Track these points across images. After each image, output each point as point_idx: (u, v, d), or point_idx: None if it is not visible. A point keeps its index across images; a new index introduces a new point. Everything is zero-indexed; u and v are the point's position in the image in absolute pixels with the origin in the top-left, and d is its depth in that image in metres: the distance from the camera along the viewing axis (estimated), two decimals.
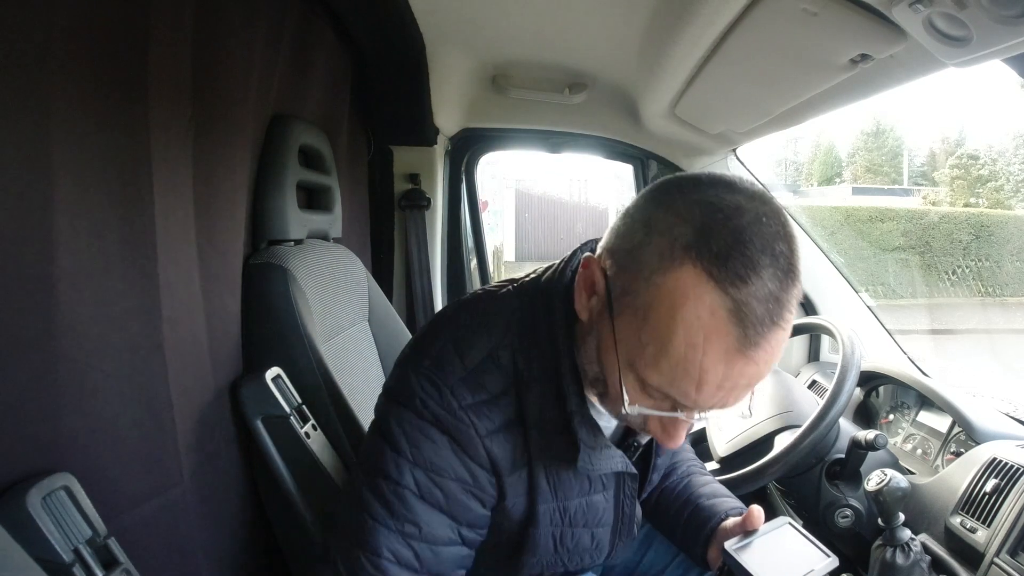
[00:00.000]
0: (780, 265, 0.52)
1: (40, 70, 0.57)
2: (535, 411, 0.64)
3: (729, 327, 0.50)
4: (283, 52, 1.10)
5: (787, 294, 0.52)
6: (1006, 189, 16.45)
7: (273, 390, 0.90)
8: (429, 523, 0.63)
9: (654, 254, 0.53)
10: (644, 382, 0.55)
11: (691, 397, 0.54)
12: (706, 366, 0.51)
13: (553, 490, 0.67)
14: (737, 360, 0.51)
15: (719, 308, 0.50)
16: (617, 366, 0.56)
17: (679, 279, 0.51)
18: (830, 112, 1.17)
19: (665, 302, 0.52)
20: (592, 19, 1.21)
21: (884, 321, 1.57)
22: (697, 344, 0.51)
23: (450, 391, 0.62)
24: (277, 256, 1.01)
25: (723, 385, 0.53)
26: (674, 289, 0.51)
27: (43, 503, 0.54)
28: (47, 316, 0.58)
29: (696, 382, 0.52)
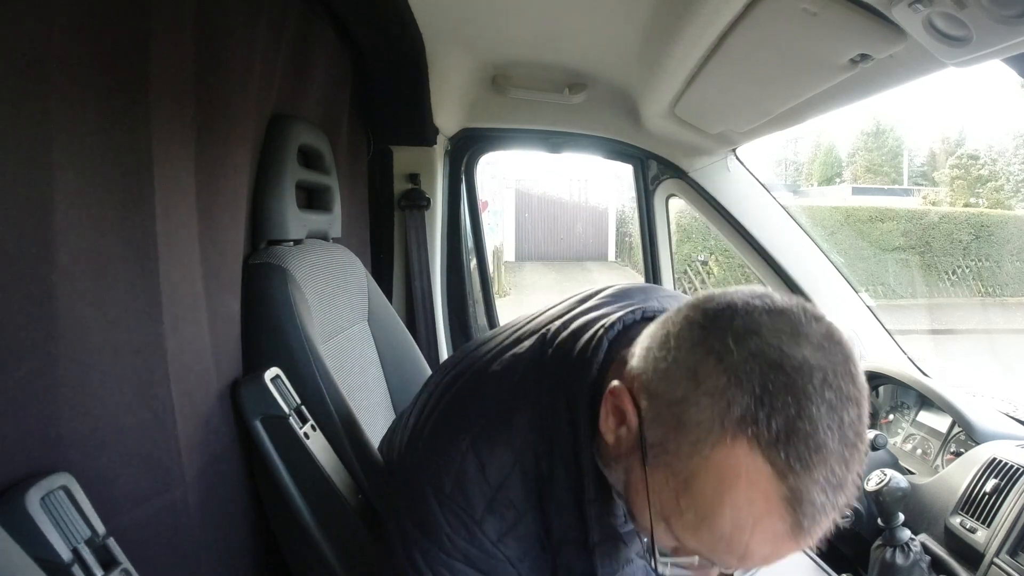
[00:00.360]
0: (847, 440, 0.46)
1: (40, 70, 0.57)
2: (559, 529, 0.61)
3: (784, 514, 0.46)
4: (283, 52, 1.10)
5: (851, 474, 0.47)
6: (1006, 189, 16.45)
7: (272, 390, 0.89)
8: None
9: (702, 419, 0.46)
10: (677, 540, 0.51)
11: (731, 566, 0.50)
12: (752, 547, 0.47)
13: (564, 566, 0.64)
14: (786, 544, 0.47)
15: (774, 495, 0.45)
16: (648, 514, 0.51)
17: (730, 457, 0.45)
18: (830, 112, 1.17)
19: (712, 478, 0.46)
20: (592, 19, 1.21)
21: (884, 321, 1.57)
22: (745, 527, 0.46)
23: (479, 528, 0.59)
24: (276, 256, 1.01)
25: (768, 558, 0.49)
26: (724, 467, 0.46)
27: (42, 503, 0.54)
28: (47, 316, 0.58)
29: (739, 557, 0.48)
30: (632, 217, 12.20)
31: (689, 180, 1.70)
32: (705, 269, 9.90)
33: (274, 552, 0.98)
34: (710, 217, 1.71)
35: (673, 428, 0.48)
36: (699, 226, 9.18)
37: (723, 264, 9.67)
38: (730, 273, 9.66)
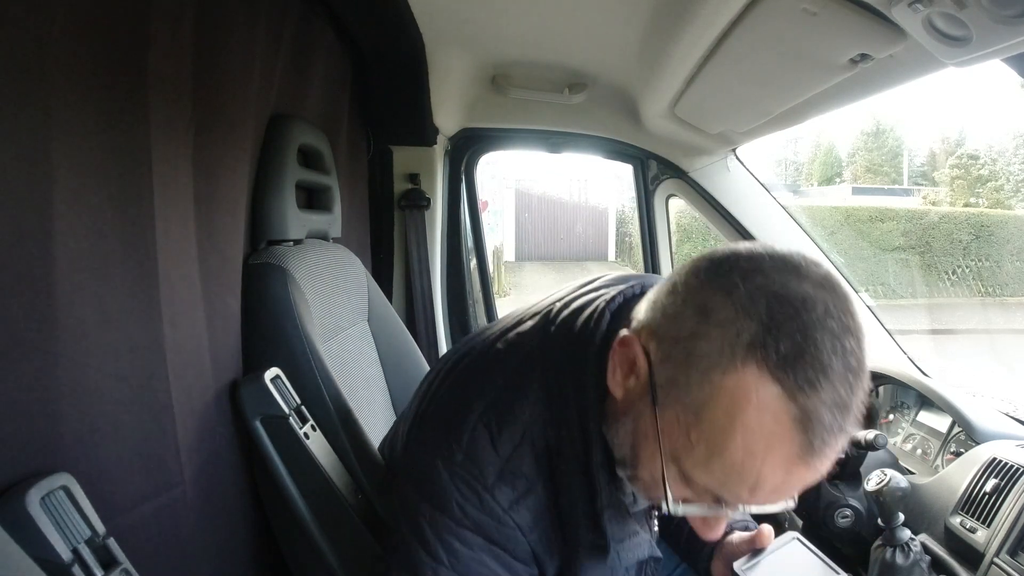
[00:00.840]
0: (850, 366, 0.48)
1: (40, 70, 0.57)
2: (567, 500, 0.62)
3: (794, 435, 0.47)
4: (283, 52, 1.10)
5: (855, 397, 0.48)
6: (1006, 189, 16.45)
7: (272, 390, 0.89)
8: None
9: (712, 349, 0.48)
10: (689, 479, 0.52)
11: (742, 499, 0.51)
12: (764, 474, 0.48)
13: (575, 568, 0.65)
14: (798, 468, 0.49)
15: (784, 416, 0.47)
16: (660, 459, 0.53)
17: (741, 381, 0.47)
18: (830, 112, 1.17)
19: (723, 404, 0.48)
20: (592, 19, 1.21)
21: (884, 321, 1.56)
22: (757, 452, 0.48)
23: (491, 495, 0.59)
24: (276, 256, 1.01)
25: (779, 489, 0.50)
26: (735, 391, 0.47)
27: (42, 503, 0.54)
28: (47, 316, 0.58)
29: (751, 487, 0.50)
30: (632, 217, 12.20)
31: (689, 180, 1.70)
32: None
33: (274, 551, 0.98)
34: (710, 217, 1.71)
35: (683, 363, 0.50)
36: (699, 226, 9.17)
37: None
38: None
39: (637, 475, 0.58)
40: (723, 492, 0.52)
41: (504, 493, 0.60)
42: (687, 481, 0.53)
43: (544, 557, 0.63)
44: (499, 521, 0.60)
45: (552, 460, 0.61)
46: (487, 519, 0.60)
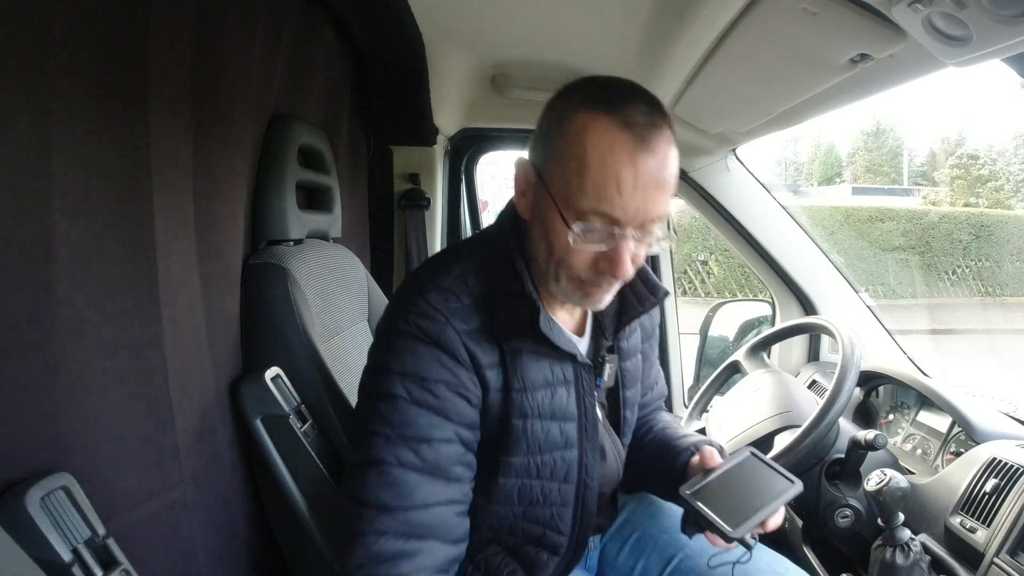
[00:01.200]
0: (646, 98, 0.68)
1: (40, 70, 0.57)
2: (502, 315, 0.73)
3: (623, 134, 0.65)
4: (283, 52, 1.10)
5: (658, 112, 0.67)
6: (1006, 189, 16.45)
7: (272, 390, 0.89)
8: (425, 425, 0.69)
9: (556, 117, 0.69)
10: (578, 211, 0.67)
11: (616, 201, 0.65)
12: (617, 167, 0.64)
13: (522, 380, 0.74)
14: (639, 155, 0.65)
15: (612, 124, 0.65)
16: (557, 211, 0.68)
17: (579, 118, 0.67)
18: (830, 112, 1.17)
19: (574, 136, 0.66)
20: (592, 19, 1.21)
21: (884, 321, 1.57)
22: (604, 153, 0.65)
23: (425, 300, 0.71)
24: (276, 256, 1.01)
25: (637, 184, 0.65)
26: (578, 125, 0.66)
27: (42, 503, 0.54)
28: (47, 316, 0.58)
29: (616, 184, 0.65)
30: None
31: (689, 180, 1.70)
32: (705, 269, 9.90)
33: (273, 551, 0.98)
34: (710, 217, 1.71)
35: (546, 139, 0.70)
36: (699, 226, 9.18)
37: (723, 264, 9.66)
38: (730, 273, 9.66)
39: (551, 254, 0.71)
40: (601, 204, 0.66)
41: (437, 300, 0.72)
42: (579, 215, 0.67)
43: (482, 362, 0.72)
44: (432, 319, 0.70)
45: (487, 296, 0.74)
46: (423, 320, 0.70)
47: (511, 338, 0.73)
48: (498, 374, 0.73)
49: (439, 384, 0.70)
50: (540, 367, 0.75)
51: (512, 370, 0.73)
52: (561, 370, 0.77)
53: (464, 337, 0.71)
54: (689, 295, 9.48)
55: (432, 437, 0.69)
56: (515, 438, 0.74)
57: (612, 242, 0.68)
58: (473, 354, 0.71)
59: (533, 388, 0.75)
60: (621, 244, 0.68)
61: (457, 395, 0.71)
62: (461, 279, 0.74)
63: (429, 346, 0.70)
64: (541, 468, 0.76)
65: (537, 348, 0.74)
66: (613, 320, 0.84)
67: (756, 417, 1.19)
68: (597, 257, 0.69)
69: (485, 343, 0.72)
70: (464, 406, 0.71)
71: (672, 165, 0.67)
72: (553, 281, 0.73)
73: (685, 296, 9.31)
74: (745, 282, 9.40)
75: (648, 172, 0.65)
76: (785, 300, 1.69)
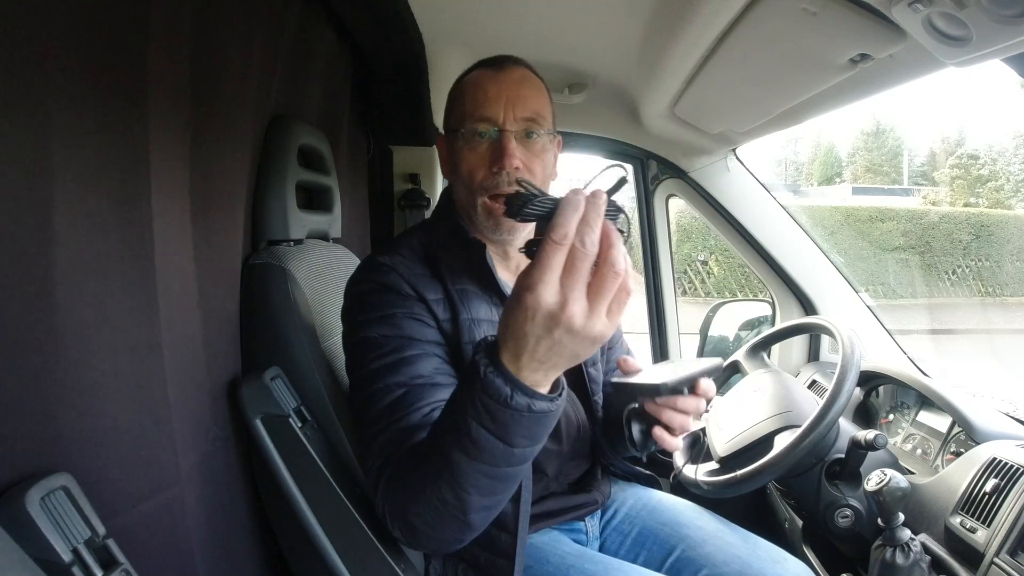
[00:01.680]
0: (506, 56, 0.90)
1: (40, 70, 0.57)
2: (445, 262, 0.87)
3: (484, 69, 0.88)
4: (283, 52, 1.10)
5: (520, 60, 0.91)
6: (1006, 189, 16.46)
7: (272, 390, 0.89)
8: (397, 347, 0.80)
9: (451, 90, 0.91)
10: (463, 123, 0.86)
11: (487, 104, 0.84)
12: (481, 84, 0.86)
13: (469, 310, 0.85)
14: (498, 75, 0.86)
15: (476, 70, 0.89)
16: (454, 133, 0.87)
17: (461, 81, 0.90)
18: (830, 112, 1.17)
19: (456, 88, 0.90)
20: (592, 19, 1.21)
21: (884, 321, 1.57)
22: (472, 82, 0.88)
23: (374, 261, 0.86)
24: (276, 256, 1.01)
25: (501, 91, 0.85)
26: (460, 80, 0.90)
27: (42, 503, 0.54)
28: (46, 316, 0.58)
29: (484, 94, 0.85)
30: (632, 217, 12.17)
31: (689, 180, 1.70)
32: (705, 269, 9.91)
33: (274, 550, 0.98)
34: (710, 217, 1.71)
35: (446, 110, 0.92)
36: (699, 226, 9.18)
37: (723, 264, 9.67)
38: (730, 273, 9.66)
39: (463, 180, 0.87)
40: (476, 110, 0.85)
41: (383, 257, 0.86)
42: (463, 125, 0.86)
43: (428, 296, 0.84)
44: (380, 270, 0.84)
45: (430, 252, 0.88)
46: (373, 274, 0.84)
47: (457, 280, 0.86)
48: (444, 307, 0.85)
49: (397, 316, 0.81)
50: (481, 304, 0.86)
51: (460, 302, 0.85)
52: (497, 309, 0.87)
53: (408, 278, 0.84)
54: (689, 295, 9.48)
55: (406, 355, 0.79)
56: (467, 360, 0.80)
57: (499, 141, 0.84)
58: (417, 290, 0.83)
59: (478, 320, 0.85)
60: (503, 137, 0.84)
61: (415, 320, 0.82)
62: (406, 244, 0.89)
63: (382, 291, 0.83)
64: None
65: (477, 289, 0.87)
66: None
67: (756, 417, 1.18)
68: (491, 161, 0.84)
69: (428, 283, 0.85)
70: (424, 328, 0.82)
71: (532, 83, 0.88)
72: (473, 212, 0.87)
73: (685, 296, 9.31)
74: (745, 282, 9.40)
75: (507, 81, 0.85)
76: (785, 300, 1.69)
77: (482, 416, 0.58)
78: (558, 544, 0.95)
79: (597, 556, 0.93)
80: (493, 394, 0.57)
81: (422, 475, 0.67)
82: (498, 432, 0.59)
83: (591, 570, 0.88)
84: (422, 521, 0.69)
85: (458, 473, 0.63)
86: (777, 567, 0.94)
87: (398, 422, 0.74)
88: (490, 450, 0.60)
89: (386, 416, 0.75)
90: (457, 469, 0.63)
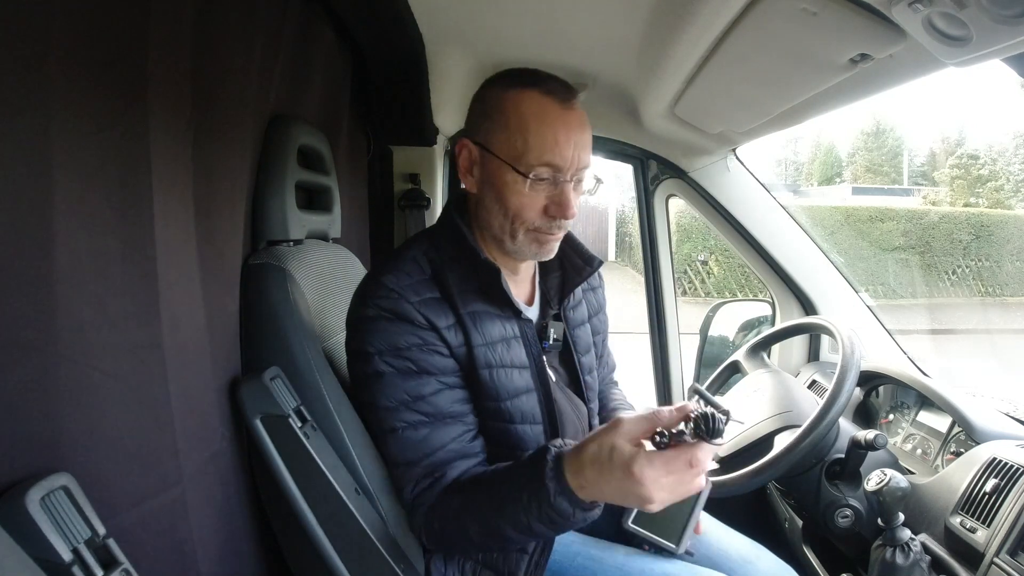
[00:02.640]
0: (556, 77, 0.86)
1: (40, 70, 0.57)
2: (455, 282, 0.85)
3: (549, 100, 0.83)
4: (283, 52, 1.09)
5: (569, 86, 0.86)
6: (1006, 189, 16.46)
7: (272, 390, 0.89)
8: (414, 386, 0.81)
9: (492, 98, 0.86)
10: (528, 164, 0.82)
11: (556, 151, 0.81)
12: (550, 122, 0.82)
13: (483, 335, 0.86)
14: (567, 116, 0.83)
15: (536, 94, 0.83)
16: (511, 170, 0.82)
17: (511, 93, 0.84)
18: (830, 112, 1.17)
19: (511, 106, 0.83)
20: (592, 19, 1.21)
21: (884, 321, 1.57)
22: (538, 114, 0.82)
23: (380, 283, 0.83)
24: (276, 256, 1.01)
25: (569, 139, 0.82)
26: (512, 97, 0.83)
27: (42, 503, 0.54)
28: (46, 316, 0.58)
29: (553, 137, 0.81)
30: (632, 217, 12.19)
31: (689, 180, 1.70)
32: (705, 269, 9.91)
33: (274, 551, 0.98)
34: (710, 217, 1.71)
35: (485, 115, 0.86)
36: (699, 226, 9.18)
37: (723, 264, 9.67)
38: (730, 273, 9.66)
39: (507, 212, 0.84)
40: (545, 155, 0.81)
41: (391, 280, 0.83)
42: (528, 167, 0.82)
43: (440, 325, 0.83)
44: (389, 297, 0.82)
45: (437, 270, 0.86)
46: (381, 299, 0.82)
47: (468, 302, 0.85)
48: (456, 333, 0.84)
49: (411, 349, 0.81)
50: (494, 324, 0.87)
51: (472, 327, 0.85)
52: (511, 327, 0.89)
53: (418, 306, 0.82)
54: (689, 295, 9.49)
55: (424, 393, 0.81)
56: (483, 385, 0.85)
57: (557, 187, 0.83)
58: (429, 319, 0.82)
59: (492, 342, 0.86)
60: (566, 188, 0.84)
61: (429, 352, 0.82)
62: (413, 261, 0.86)
63: (392, 321, 0.81)
64: (512, 412, 0.87)
65: (489, 309, 0.87)
66: (557, 292, 0.98)
67: (756, 417, 1.18)
68: (547, 203, 0.84)
69: (438, 309, 0.84)
70: (439, 359, 0.83)
71: (588, 124, 0.86)
72: (510, 239, 0.86)
73: (685, 296, 9.32)
74: (745, 282, 9.40)
75: (574, 125, 0.83)
76: (785, 300, 1.69)
77: (543, 519, 0.73)
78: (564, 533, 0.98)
79: (603, 543, 0.97)
80: (559, 510, 0.72)
81: (464, 527, 0.80)
82: (552, 529, 0.75)
83: (598, 555, 0.93)
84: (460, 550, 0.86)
85: (507, 540, 0.78)
86: (748, 566, 0.97)
87: (423, 460, 0.83)
88: (542, 534, 0.76)
89: (412, 451, 0.83)
90: (507, 538, 0.77)
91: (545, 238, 0.87)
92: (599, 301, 1.12)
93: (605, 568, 0.91)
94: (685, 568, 0.93)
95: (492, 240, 0.89)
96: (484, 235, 0.90)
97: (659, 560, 0.93)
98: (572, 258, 0.96)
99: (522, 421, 0.88)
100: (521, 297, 0.93)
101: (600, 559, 0.92)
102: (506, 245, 0.88)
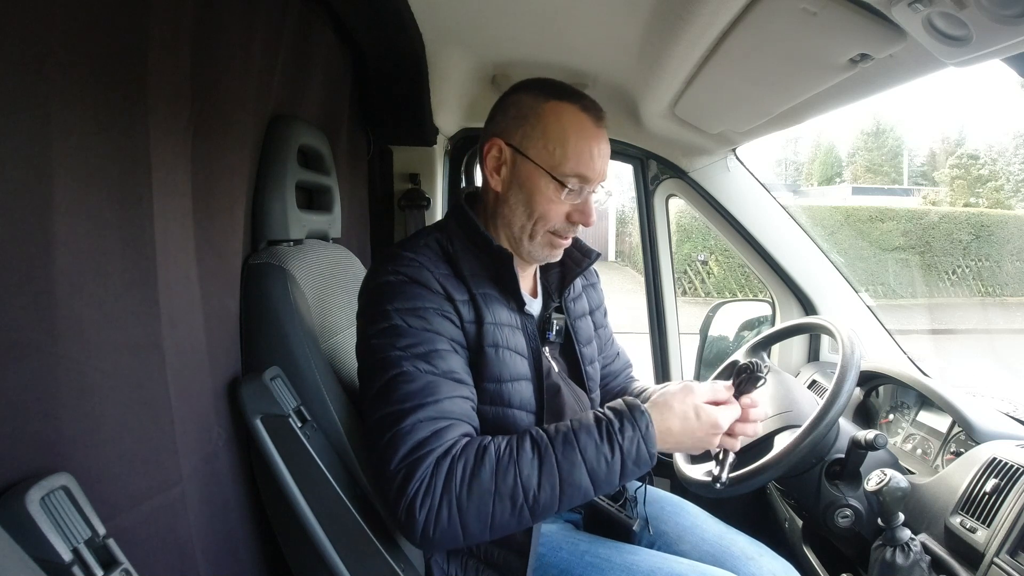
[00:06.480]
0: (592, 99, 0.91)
1: (40, 70, 0.57)
2: (467, 267, 0.89)
3: (585, 115, 0.89)
4: (283, 52, 1.10)
5: (597, 103, 0.91)
6: (1006, 189, 16.46)
7: (272, 390, 0.89)
8: (427, 341, 0.82)
9: (530, 105, 0.89)
10: (564, 174, 0.87)
11: (590, 165, 0.88)
12: (587, 137, 0.88)
13: (493, 315, 0.88)
14: (600, 133, 0.90)
15: (574, 108, 0.89)
16: (546, 176, 0.87)
17: (552, 104, 0.88)
18: (830, 112, 1.17)
19: (551, 117, 0.88)
20: (592, 19, 1.21)
21: (884, 321, 1.57)
22: (577, 129, 0.88)
23: (401, 256, 0.87)
24: (276, 256, 1.01)
25: (601, 152, 0.90)
26: (553, 108, 0.88)
27: (42, 503, 0.54)
28: (46, 316, 0.58)
29: (588, 151, 0.88)
30: (632, 217, 12.19)
31: (689, 180, 1.70)
32: (705, 269, 9.91)
33: (274, 550, 0.98)
34: (710, 217, 1.71)
35: (522, 121, 0.89)
36: (699, 226, 9.18)
37: (723, 264, 9.67)
38: (730, 273, 9.66)
39: (532, 213, 0.89)
40: (580, 167, 0.87)
41: (409, 253, 0.87)
42: (564, 177, 0.87)
43: (455, 296, 0.86)
44: (409, 264, 0.85)
45: (449, 256, 0.89)
46: (402, 267, 0.85)
47: (477, 283, 0.89)
48: (469, 308, 0.87)
49: (428, 310, 0.83)
50: (503, 309, 0.90)
51: (484, 306, 0.88)
52: (514, 316, 0.92)
53: (437, 276, 0.86)
54: (689, 295, 9.49)
55: (436, 348, 0.82)
56: (488, 363, 0.87)
57: (582, 197, 0.90)
58: (446, 289, 0.86)
59: (500, 324, 0.89)
60: (591, 197, 0.91)
61: (443, 317, 0.84)
62: (424, 242, 0.90)
63: (413, 284, 0.84)
64: (511, 396, 0.88)
65: (498, 294, 0.90)
66: (557, 285, 1.03)
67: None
68: (571, 211, 0.90)
69: (454, 283, 0.87)
70: (451, 328, 0.85)
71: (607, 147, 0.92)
72: (528, 239, 0.92)
73: (685, 296, 9.32)
74: (745, 282, 9.41)
75: (604, 142, 0.91)
76: (785, 300, 1.69)
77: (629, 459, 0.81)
78: (570, 532, 1.00)
79: (609, 542, 0.97)
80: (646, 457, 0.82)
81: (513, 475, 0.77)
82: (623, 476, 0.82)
83: (604, 554, 0.94)
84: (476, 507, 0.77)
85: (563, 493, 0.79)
86: (751, 563, 0.97)
87: (433, 404, 0.79)
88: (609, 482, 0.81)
89: (417, 396, 0.79)
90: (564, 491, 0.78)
91: (559, 242, 0.92)
92: (600, 296, 1.17)
93: (613, 567, 0.91)
94: (692, 566, 0.93)
95: (507, 239, 0.93)
96: (498, 232, 0.93)
97: (667, 559, 0.94)
98: (571, 251, 1.00)
99: (520, 407, 0.89)
100: (525, 291, 0.95)
101: (608, 558, 0.93)
102: (522, 245, 0.92)
